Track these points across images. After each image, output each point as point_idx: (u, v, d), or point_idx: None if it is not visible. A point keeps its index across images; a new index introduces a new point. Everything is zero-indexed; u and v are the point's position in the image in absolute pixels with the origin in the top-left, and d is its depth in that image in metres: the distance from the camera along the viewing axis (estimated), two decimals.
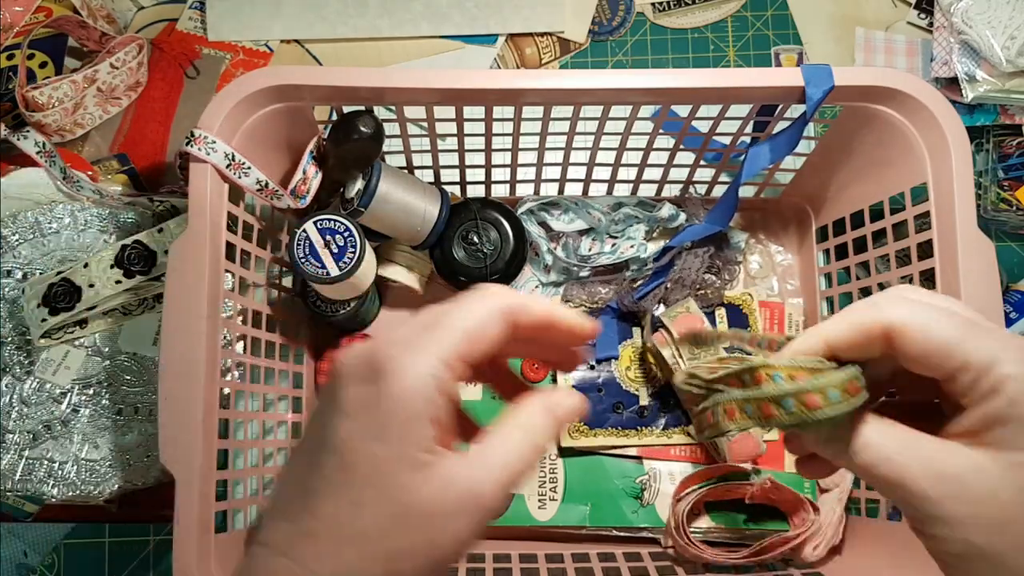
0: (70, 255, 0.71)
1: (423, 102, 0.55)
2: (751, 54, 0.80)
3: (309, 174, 0.59)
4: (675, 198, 0.72)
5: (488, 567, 0.61)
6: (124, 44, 0.75)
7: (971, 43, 0.72)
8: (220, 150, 0.51)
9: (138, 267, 0.67)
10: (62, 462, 0.67)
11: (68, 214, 0.72)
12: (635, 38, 0.80)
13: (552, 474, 0.66)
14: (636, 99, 0.56)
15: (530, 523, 0.65)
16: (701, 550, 0.61)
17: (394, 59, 0.79)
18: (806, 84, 0.53)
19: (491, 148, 0.64)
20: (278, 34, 0.79)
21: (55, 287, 0.67)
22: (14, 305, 0.70)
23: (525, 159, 0.66)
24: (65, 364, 0.69)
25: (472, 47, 0.80)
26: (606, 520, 0.65)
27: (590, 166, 0.68)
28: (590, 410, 0.67)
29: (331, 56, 0.79)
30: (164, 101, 0.78)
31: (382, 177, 0.61)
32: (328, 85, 0.53)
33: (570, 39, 0.80)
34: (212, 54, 0.79)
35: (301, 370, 0.68)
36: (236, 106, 0.52)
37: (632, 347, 0.69)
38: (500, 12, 0.80)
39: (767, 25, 0.81)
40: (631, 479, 0.66)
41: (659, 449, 0.66)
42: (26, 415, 0.68)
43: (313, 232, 0.58)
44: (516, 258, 0.67)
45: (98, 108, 0.75)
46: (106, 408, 0.69)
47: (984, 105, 0.74)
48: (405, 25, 0.79)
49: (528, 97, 0.54)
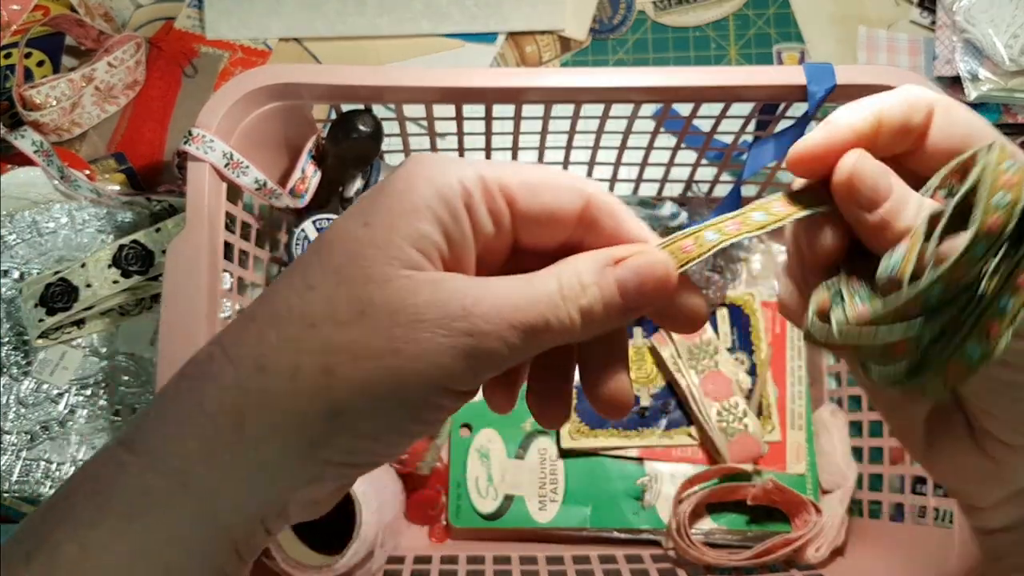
0: (67, 255, 0.70)
1: (422, 101, 0.55)
2: (753, 52, 0.80)
3: (308, 173, 0.58)
4: (676, 197, 0.72)
5: (488, 568, 0.61)
6: (122, 43, 0.75)
7: (974, 42, 0.72)
8: (218, 149, 0.51)
9: (136, 267, 0.67)
10: (60, 463, 0.67)
11: (65, 213, 0.71)
12: (636, 36, 0.80)
13: (552, 475, 0.66)
14: (637, 98, 0.55)
15: (530, 525, 0.64)
16: (703, 552, 0.61)
17: (393, 57, 0.79)
18: (808, 82, 0.52)
19: (491, 147, 0.63)
20: (276, 32, 0.79)
21: (52, 287, 0.66)
22: (11, 305, 0.69)
23: (525, 158, 0.66)
24: (62, 364, 0.69)
25: (472, 45, 0.79)
26: (607, 522, 0.65)
27: (591, 165, 0.68)
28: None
29: (330, 54, 0.79)
30: (162, 100, 0.77)
31: (381, 176, 0.60)
32: (327, 84, 0.53)
33: (571, 37, 0.80)
34: (210, 52, 0.79)
35: None
36: (234, 105, 0.51)
37: (633, 347, 0.69)
38: (500, 10, 0.79)
39: (769, 23, 0.80)
40: (632, 480, 0.66)
41: (660, 450, 0.66)
42: (23, 416, 0.68)
43: (312, 231, 0.58)
44: None
45: (96, 107, 0.75)
46: (104, 409, 0.68)
47: (987, 104, 0.74)
48: (404, 23, 0.79)
49: (528, 96, 0.54)
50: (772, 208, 0.27)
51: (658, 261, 0.24)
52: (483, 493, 0.65)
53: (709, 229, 0.26)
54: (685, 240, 0.26)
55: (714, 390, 0.65)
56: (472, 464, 0.66)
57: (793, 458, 0.66)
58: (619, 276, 0.24)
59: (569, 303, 0.23)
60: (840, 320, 0.25)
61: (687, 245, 0.26)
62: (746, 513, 0.64)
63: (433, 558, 0.63)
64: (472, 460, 0.66)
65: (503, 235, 0.25)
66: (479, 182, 0.24)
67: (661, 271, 0.24)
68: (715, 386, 0.65)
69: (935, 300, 0.23)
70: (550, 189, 0.25)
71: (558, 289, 0.24)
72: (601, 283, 0.24)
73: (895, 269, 0.24)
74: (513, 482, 0.65)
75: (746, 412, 0.64)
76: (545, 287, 0.24)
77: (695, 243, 0.26)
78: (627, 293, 0.24)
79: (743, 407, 0.65)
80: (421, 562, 0.62)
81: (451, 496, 0.65)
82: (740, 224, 0.26)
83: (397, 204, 0.23)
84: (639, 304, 0.24)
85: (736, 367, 0.67)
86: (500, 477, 0.65)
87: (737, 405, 0.65)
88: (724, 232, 0.26)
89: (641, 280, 0.24)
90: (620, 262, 0.24)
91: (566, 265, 0.24)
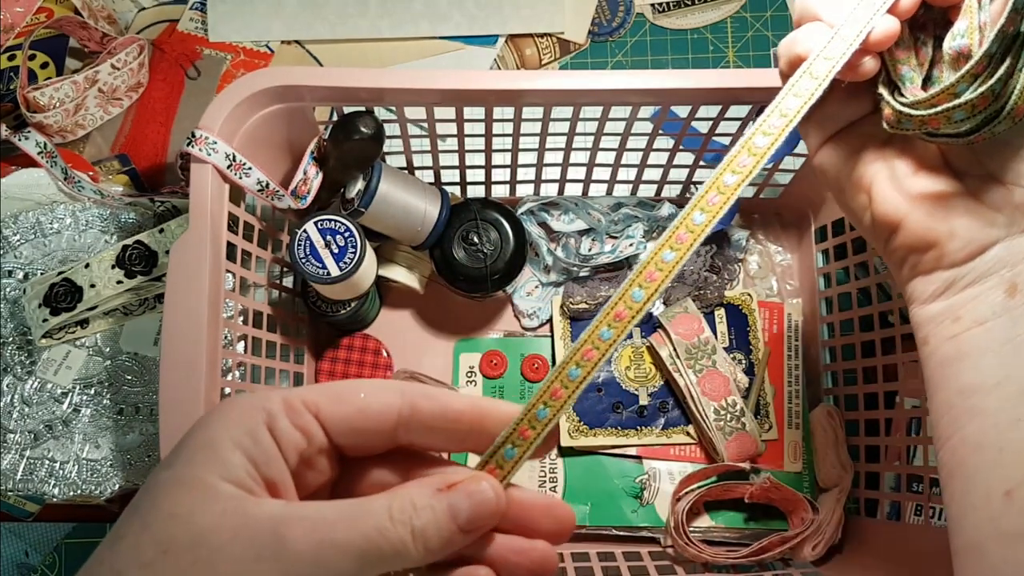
0: (71, 255, 0.71)
1: (423, 103, 0.55)
2: (751, 55, 0.80)
3: (310, 174, 0.59)
4: (675, 198, 0.72)
5: None
6: (125, 45, 0.75)
7: None
8: (221, 151, 0.51)
9: (139, 267, 0.67)
10: (63, 462, 0.68)
11: (69, 214, 0.72)
12: (635, 39, 0.80)
13: (552, 474, 0.66)
14: (636, 100, 0.56)
15: None
16: (700, 549, 0.62)
17: (394, 60, 0.80)
18: None
19: (491, 148, 0.64)
20: (278, 35, 0.80)
21: (56, 287, 0.67)
22: (15, 305, 0.70)
23: (525, 159, 0.66)
24: (66, 364, 0.69)
25: (472, 48, 0.80)
26: (606, 519, 0.65)
27: (590, 166, 0.68)
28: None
29: (331, 57, 0.80)
30: (165, 102, 0.78)
31: (382, 177, 0.61)
32: (329, 86, 0.53)
33: (570, 40, 0.80)
34: (213, 55, 0.79)
35: (302, 370, 0.68)
36: (237, 107, 0.52)
37: (631, 347, 0.69)
38: (500, 13, 0.80)
39: (767, 26, 0.81)
40: (631, 479, 0.66)
41: (659, 449, 0.67)
42: (27, 415, 0.68)
43: (314, 232, 0.58)
44: (516, 258, 0.67)
45: (99, 109, 0.76)
46: (107, 408, 0.69)
47: None
48: (405, 25, 0.79)
49: (528, 98, 0.54)
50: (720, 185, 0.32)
51: (487, 487, 0.26)
52: None
53: (606, 326, 0.28)
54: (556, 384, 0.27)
55: (712, 389, 0.65)
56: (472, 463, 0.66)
57: (790, 456, 0.66)
58: (452, 500, 0.25)
59: (399, 525, 0.23)
60: (920, 100, 0.33)
61: (557, 391, 0.27)
62: (744, 511, 0.65)
63: None
64: (472, 459, 0.66)
65: (315, 444, 0.26)
66: (281, 403, 0.25)
67: (489, 495, 0.26)
68: (713, 385, 0.66)
69: (997, 53, 0.31)
70: (357, 390, 0.26)
71: (387, 510, 0.24)
72: (434, 505, 0.25)
73: (962, 43, 0.31)
74: (513, 480, 0.66)
75: (744, 411, 0.65)
76: (373, 507, 0.24)
77: (563, 387, 0.27)
78: (458, 515, 0.25)
79: (740, 406, 0.65)
80: None
81: None
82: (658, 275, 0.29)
83: (196, 441, 0.24)
84: (472, 526, 0.25)
85: (734, 366, 0.67)
86: None
87: (735, 404, 0.65)
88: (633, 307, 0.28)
89: (473, 503, 0.25)
90: (453, 486, 0.25)
91: (401, 488, 0.25)
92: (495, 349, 0.70)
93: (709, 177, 0.32)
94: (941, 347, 0.36)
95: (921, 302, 0.37)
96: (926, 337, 0.37)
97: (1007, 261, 0.35)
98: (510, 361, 0.70)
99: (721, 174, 0.32)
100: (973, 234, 0.35)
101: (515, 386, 0.69)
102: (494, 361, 0.69)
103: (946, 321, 0.36)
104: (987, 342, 0.34)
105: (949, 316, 0.36)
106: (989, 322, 0.35)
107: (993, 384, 0.34)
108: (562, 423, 0.66)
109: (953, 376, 0.35)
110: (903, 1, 0.33)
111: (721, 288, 0.70)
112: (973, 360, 0.35)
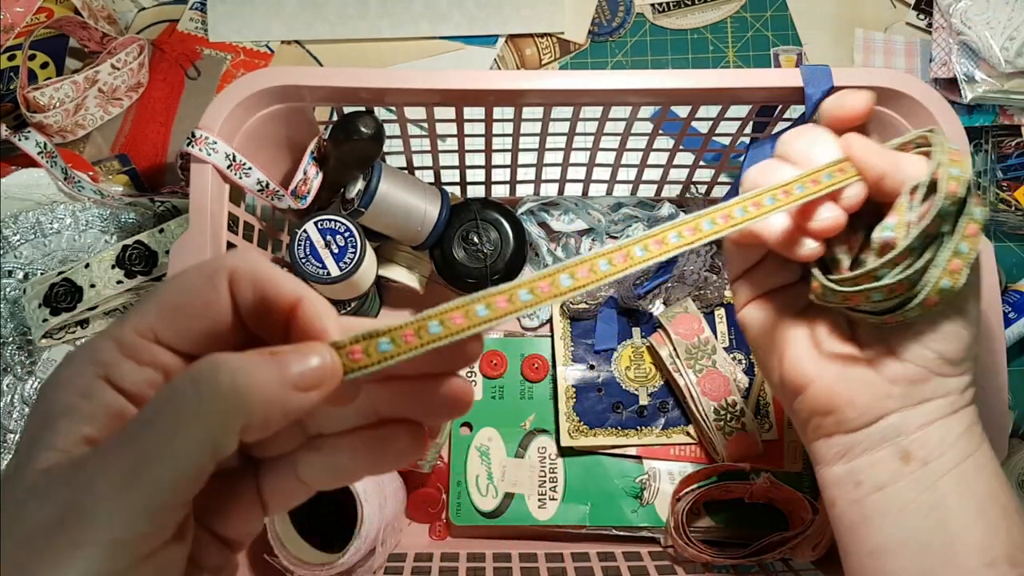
0: (71, 255, 0.71)
1: (423, 103, 0.55)
2: (750, 55, 0.80)
3: (310, 175, 0.59)
4: (675, 198, 0.72)
5: (488, 566, 0.61)
6: (125, 45, 0.75)
7: (970, 44, 0.72)
8: (221, 151, 0.51)
9: (139, 267, 0.67)
10: None
11: (69, 214, 0.72)
12: (635, 39, 0.80)
13: (552, 474, 0.66)
14: (636, 100, 0.56)
15: (530, 522, 0.65)
16: (700, 549, 0.62)
17: (394, 60, 0.80)
18: (805, 85, 0.53)
19: (491, 148, 0.64)
20: (278, 35, 0.80)
21: (56, 287, 0.67)
22: (15, 305, 0.70)
23: (525, 159, 0.66)
24: None
25: (472, 48, 0.80)
26: (606, 519, 0.65)
27: (590, 166, 0.68)
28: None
29: (331, 57, 0.80)
30: (165, 102, 0.78)
31: (382, 178, 0.61)
32: (329, 86, 0.53)
33: (570, 40, 0.80)
34: (213, 55, 0.79)
35: None
36: (237, 107, 0.52)
37: (632, 347, 0.69)
38: (500, 13, 0.80)
39: (766, 26, 0.81)
40: (631, 479, 0.66)
41: (658, 449, 0.67)
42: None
43: (314, 232, 0.58)
44: (516, 258, 0.67)
45: (99, 109, 0.76)
46: None
47: (983, 106, 0.74)
48: (405, 26, 0.79)
49: (528, 98, 0.54)
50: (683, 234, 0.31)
51: (318, 346, 0.23)
52: (483, 491, 0.66)
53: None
54: (458, 312, 0.25)
55: (712, 389, 0.65)
56: (472, 462, 0.66)
57: (790, 457, 0.66)
58: (281, 358, 0.22)
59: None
60: (846, 277, 0.36)
61: (457, 318, 0.25)
62: (743, 511, 0.65)
63: (434, 555, 0.63)
64: (472, 458, 0.66)
65: (174, 372, 0.24)
66: (115, 347, 0.23)
67: (321, 352, 0.23)
68: (713, 385, 0.66)
69: (918, 248, 0.35)
70: (184, 287, 0.24)
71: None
72: (267, 362, 0.22)
73: (890, 235, 0.35)
74: (513, 480, 0.66)
75: (743, 411, 0.65)
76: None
77: (466, 319, 0.25)
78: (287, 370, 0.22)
79: (740, 406, 0.65)
80: (422, 559, 0.63)
81: (452, 494, 0.66)
82: None
83: (35, 420, 0.23)
84: (304, 381, 0.22)
85: (734, 366, 0.67)
86: (500, 475, 0.66)
87: (735, 404, 0.65)
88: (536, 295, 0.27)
89: (301, 355, 0.22)
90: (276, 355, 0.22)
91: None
92: (495, 349, 0.70)
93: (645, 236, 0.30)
94: (847, 511, 0.39)
95: (825, 463, 0.40)
96: (833, 500, 0.40)
97: (902, 430, 0.38)
98: (510, 361, 0.70)
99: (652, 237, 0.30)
100: (869, 404, 0.38)
101: (515, 386, 0.69)
102: (494, 361, 0.70)
103: (848, 485, 0.39)
104: (887, 506, 0.38)
105: (851, 480, 0.39)
106: (888, 488, 0.38)
107: (896, 544, 0.37)
108: (562, 423, 0.66)
109: (860, 540, 0.39)
110: (848, 197, 0.36)
111: (721, 288, 0.70)
112: (877, 524, 0.38)
